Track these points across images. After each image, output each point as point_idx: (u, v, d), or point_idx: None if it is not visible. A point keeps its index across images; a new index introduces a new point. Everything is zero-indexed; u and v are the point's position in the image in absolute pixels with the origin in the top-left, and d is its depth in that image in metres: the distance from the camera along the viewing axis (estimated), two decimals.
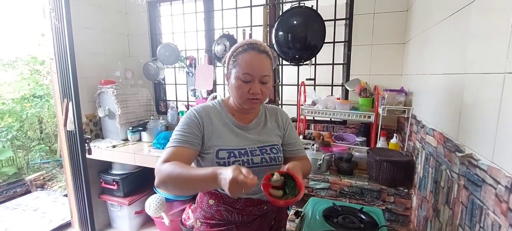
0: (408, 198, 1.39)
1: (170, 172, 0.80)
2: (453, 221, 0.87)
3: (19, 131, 4.06)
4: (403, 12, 1.82)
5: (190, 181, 0.78)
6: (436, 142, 1.07)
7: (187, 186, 0.81)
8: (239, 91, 0.91)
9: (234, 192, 0.68)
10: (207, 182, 0.75)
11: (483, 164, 0.70)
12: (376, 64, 1.97)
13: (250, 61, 0.89)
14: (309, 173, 1.06)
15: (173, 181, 0.80)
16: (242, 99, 0.92)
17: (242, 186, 0.66)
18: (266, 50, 0.93)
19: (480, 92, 0.75)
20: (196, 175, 0.76)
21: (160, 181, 0.82)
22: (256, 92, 0.89)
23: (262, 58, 0.91)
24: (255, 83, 0.90)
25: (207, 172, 0.74)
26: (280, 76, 2.37)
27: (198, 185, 0.81)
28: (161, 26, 2.68)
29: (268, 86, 0.93)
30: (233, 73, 0.91)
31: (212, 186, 0.80)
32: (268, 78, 0.92)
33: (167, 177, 0.80)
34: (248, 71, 0.88)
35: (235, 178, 0.66)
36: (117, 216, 2.52)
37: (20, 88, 4.21)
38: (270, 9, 2.21)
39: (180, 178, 0.79)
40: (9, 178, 3.67)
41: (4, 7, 4.28)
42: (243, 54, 0.90)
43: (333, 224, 0.97)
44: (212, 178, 0.72)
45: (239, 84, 0.90)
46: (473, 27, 0.81)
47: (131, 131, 2.38)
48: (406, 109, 1.56)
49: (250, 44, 0.92)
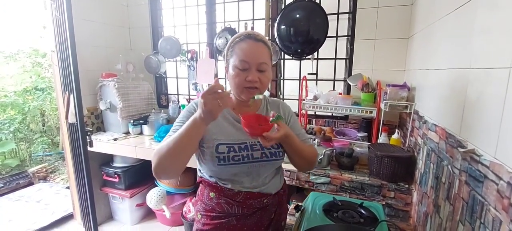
0: (409, 194, 1.39)
1: (160, 148, 0.83)
2: (454, 217, 0.87)
3: (21, 124, 4.08)
4: (408, 6, 1.80)
5: (178, 141, 0.80)
6: (438, 138, 1.07)
7: (177, 148, 0.80)
8: (236, 80, 0.89)
9: (212, 107, 0.74)
10: (192, 127, 0.79)
11: (486, 159, 0.69)
12: (379, 59, 1.95)
13: (247, 49, 0.88)
14: (312, 160, 1.02)
15: (165, 154, 0.81)
16: (240, 88, 0.91)
17: (214, 94, 0.73)
18: (264, 39, 0.92)
19: (485, 88, 0.74)
20: (180, 132, 0.80)
21: (155, 163, 0.83)
22: (253, 79, 0.88)
23: (259, 46, 0.90)
24: (252, 71, 0.88)
25: (187, 122, 0.80)
26: (282, 71, 2.36)
27: (186, 137, 0.80)
28: (163, 19, 2.66)
29: (266, 75, 0.91)
30: (231, 63, 0.91)
31: (197, 128, 0.80)
32: (266, 66, 0.91)
33: (159, 155, 0.82)
34: (244, 58, 0.88)
35: (204, 95, 0.74)
36: (119, 209, 2.54)
37: (22, 81, 4.21)
38: (273, 3, 2.19)
39: (169, 147, 0.80)
40: (12, 170, 3.71)
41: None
42: (239, 43, 0.90)
43: (333, 218, 0.97)
44: (192, 121, 0.79)
45: (236, 73, 0.89)
46: (478, 21, 0.80)
47: (133, 124, 2.38)
48: (408, 105, 1.55)
49: (247, 34, 0.92)
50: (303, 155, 0.98)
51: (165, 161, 0.82)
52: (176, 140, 0.80)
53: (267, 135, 0.82)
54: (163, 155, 0.81)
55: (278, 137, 0.85)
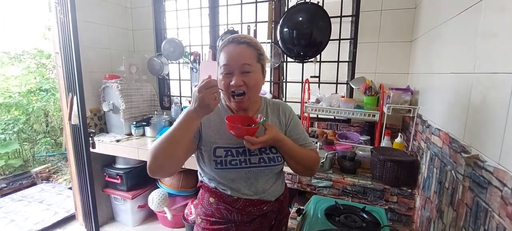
0: (412, 198, 1.38)
1: (154, 144, 0.83)
2: (457, 223, 0.86)
3: (25, 124, 4.11)
4: (411, 9, 1.79)
5: (172, 135, 0.80)
6: (441, 142, 1.06)
7: (171, 142, 0.80)
8: (223, 89, 0.89)
9: (209, 101, 0.75)
10: (186, 120, 0.79)
11: (490, 165, 0.68)
12: (382, 63, 1.94)
13: (228, 53, 0.88)
14: (311, 166, 0.99)
15: (159, 148, 0.81)
16: (227, 95, 0.91)
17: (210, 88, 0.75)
18: (247, 41, 0.89)
19: (489, 93, 0.73)
20: (174, 126, 0.81)
21: (151, 159, 0.82)
22: (237, 84, 0.86)
23: (241, 48, 0.88)
24: (236, 75, 0.87)
25: (181, 115, 0.81)
26: (284, 73, 2.36)
27: (180, 131, 0.80)
28: (166, 21, 2.67)
29: (252, 76, 0.88)
30: (218, 72, 0.91)
31: (192, 121, 0.80)
32: (249, 66, 0.87)
33: (154, 150, 0.82)
34: (225, 62, 0.88)
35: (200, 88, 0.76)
36: (121, 210, 2.54)
37: (27, 81, 4.25)
38: (276, 5, 2.19)
39: (162, 140, 0.81)
40: (15, 170, 3.73)
41: (12, 0, 4.32)
42: (223, 49, 0.90)
43: (335, 222, 0.96)
44: (186, 113, 0.79)
45: (221, 78, 0.89)
46: (483, 25, 0.79)
47: (135, 126, 2.39)
48: (411, 109, 1.54)
49: (231, 38, 0.90)
50: (299, 160, 0.95)
51: (160, 155, 0.82)
52: (170, 133, 0.81)
53: (249, 139, 0.83)
54: (157, 149, 0.81)
55: (264, 140, 0.85)
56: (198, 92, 0.76)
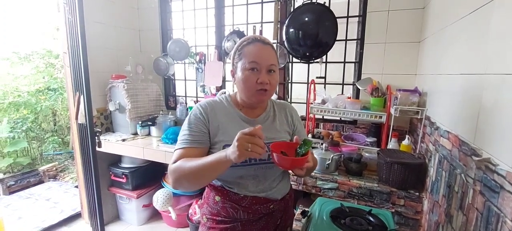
0: (419, 202, 1.35)
1: (180, 168, 0.83)
2: (467, 228, 0.83)
3: (33, 123, 4.17)
4: (419, 9, 1.76)
5: (201, 169, 0.80)
6: (450, 145, 1.03)
7: (199, 176, 0.82)
8: (247, 83, 0.90)
9: (242, 150, 0.71)
10: (218, 162, 0.78)
11: (502, 169, 0.66)
12: (389, 63, 1.91)
13: (256, 51, 0.89)
14: (314, 169, 1.06)
15: (186, 176, 0.83)
16: (251, 91, 0.90)
17: (250, 139, 0.71)
18: (271, 43, 0.94)
19: (501, 94, 0.71)
20: (206, 161, 0.80)
21: (174, 180, 0.85)
22: (264, 81, 0.88)
23: (268, 48, 0.92)
24: (263, 73, 0.89)
25: (215, 155, 0.80)
26: (290, 74, 2.35)
27: (209, 170, 0.81)
28: (172, 21, 2.69)
29: (275, 77, 0.92)
30: (239, 66, 0.91)
31: (223, 164, 0.79)
32: (275, 67, 0.92)
33: (179, 174, 0.84)
34: (254, 59, 0.88)
35: (240, 135, 0.72)
36: (126, 209, 2.56)
37: (36, 81, 4.32)
38: (281, 6, 2.18)
39: (192, 171, 0.81)
40: (24, 168, 3.79)
41: (22, 0, 4.39)
42: (248, 46, 0.91)
43: (341, 225, 0.94)
44: (220, 155, 0.77)
45: (246, 75, 0.89)
46: (494, 25, 0.77)
47: (141, 125, 2.40)
48: (419, 110, 1.52)
49: (255, 37, 0.93)
50: (312, 167, 0.99)
51: (185, 182, 0.85)
52: (199, 167, 0.80)
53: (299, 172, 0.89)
54: (182, 176, 0.84)
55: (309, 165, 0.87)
56: (237, 138, 0.72)
